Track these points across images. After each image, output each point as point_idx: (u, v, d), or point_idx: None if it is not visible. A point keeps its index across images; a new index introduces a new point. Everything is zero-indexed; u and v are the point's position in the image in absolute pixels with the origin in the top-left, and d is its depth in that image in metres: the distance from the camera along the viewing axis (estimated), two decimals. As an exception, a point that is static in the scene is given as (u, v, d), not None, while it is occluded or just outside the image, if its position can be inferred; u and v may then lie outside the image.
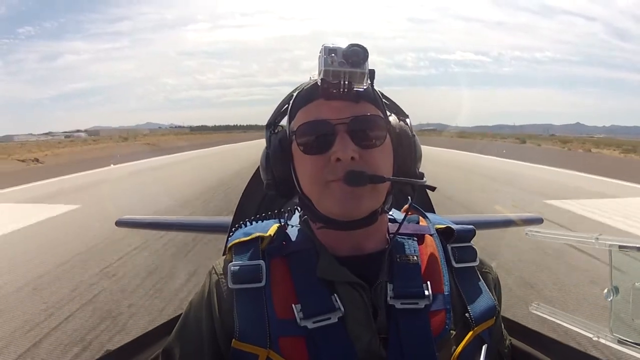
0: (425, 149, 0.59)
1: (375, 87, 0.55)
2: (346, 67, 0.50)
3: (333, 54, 0.50)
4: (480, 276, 0.59)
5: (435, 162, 12.63)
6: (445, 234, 0.61)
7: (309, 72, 0.53)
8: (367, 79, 0.52)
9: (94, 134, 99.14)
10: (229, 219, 1.51)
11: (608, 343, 0.55)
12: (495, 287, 0.62)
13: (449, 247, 0.59)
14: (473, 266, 0.59)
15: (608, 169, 11.45)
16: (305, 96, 0.55)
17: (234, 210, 1.32)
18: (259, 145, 0.74)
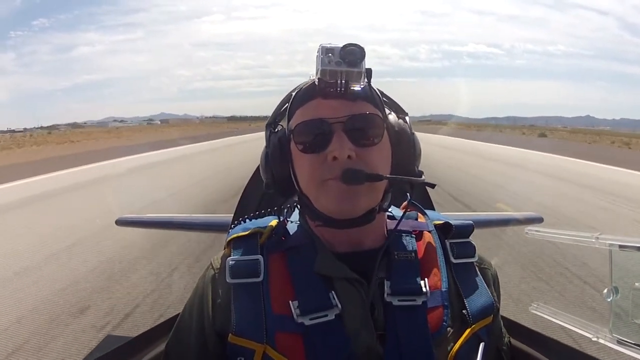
0: None
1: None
2: (343, 66, 0.50)
3: (330, 54, 0.50)
4: (479, 272, 0.59)
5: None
6: (444, 230, 0.60)
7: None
8: (364, 78, 0.52)
9: (164, 122, 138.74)
10: (230, 217, 1.51)
11: (607, 343, 0.55)
12: (494, 284, 0.61)
13: (447, 243, 0.59)
14: (472, 262, 0.59)
15: None
16: (303, 96, 0.55)
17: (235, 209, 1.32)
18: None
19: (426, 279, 0.54)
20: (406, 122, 0.58)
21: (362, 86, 0.53)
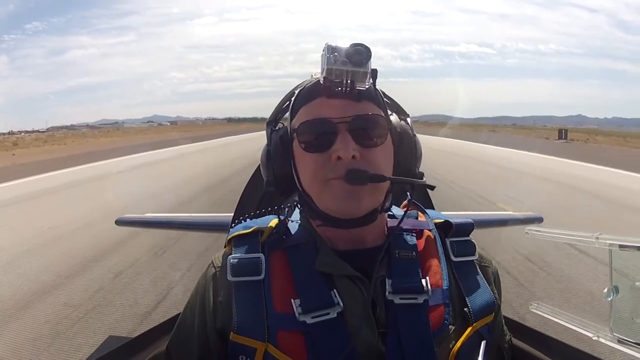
0: None
1: (381, 79, 0.54)
2: (349, 66, 0.49)
3: (336, 53, 0.49)
4: (479, 270, 0.59)
5: None
6: (444, 229, 0.61)
7: (315, 64, 0.53)
8: (369, 79, 0.52)
9: (173, 123, 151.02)
10: (230, 216, 1.51)
11: (608, 342, 0.55)
12: (495, 281, 0.61)
13: (447, 241, 0.59)
14: (472, 260, 0.59)
15: None
16: (307, 94, 0.55)
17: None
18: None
19: (427, 277, 0.54)
20: (408, 124, 0.58)
21: (367, 86, 0.52)
